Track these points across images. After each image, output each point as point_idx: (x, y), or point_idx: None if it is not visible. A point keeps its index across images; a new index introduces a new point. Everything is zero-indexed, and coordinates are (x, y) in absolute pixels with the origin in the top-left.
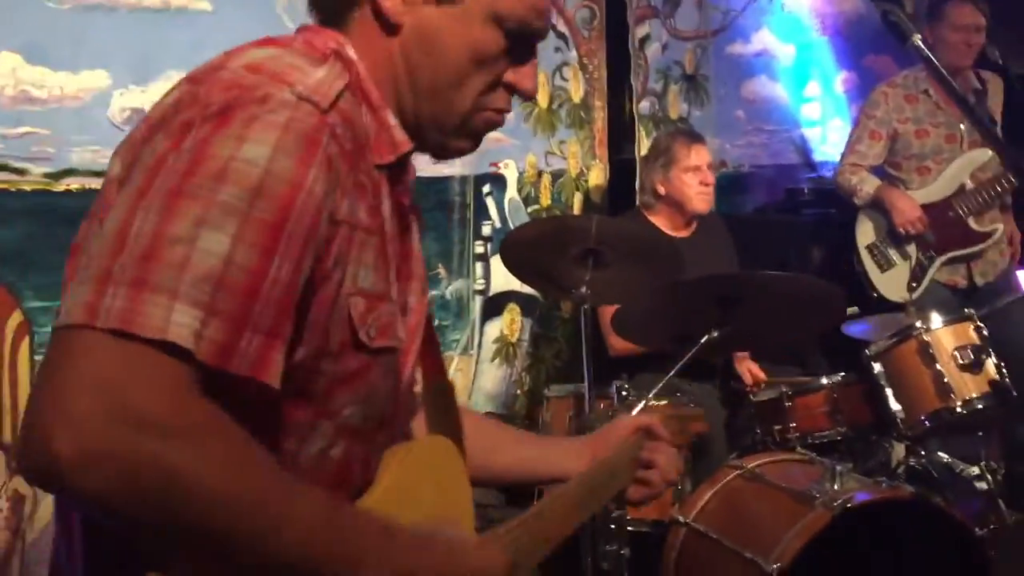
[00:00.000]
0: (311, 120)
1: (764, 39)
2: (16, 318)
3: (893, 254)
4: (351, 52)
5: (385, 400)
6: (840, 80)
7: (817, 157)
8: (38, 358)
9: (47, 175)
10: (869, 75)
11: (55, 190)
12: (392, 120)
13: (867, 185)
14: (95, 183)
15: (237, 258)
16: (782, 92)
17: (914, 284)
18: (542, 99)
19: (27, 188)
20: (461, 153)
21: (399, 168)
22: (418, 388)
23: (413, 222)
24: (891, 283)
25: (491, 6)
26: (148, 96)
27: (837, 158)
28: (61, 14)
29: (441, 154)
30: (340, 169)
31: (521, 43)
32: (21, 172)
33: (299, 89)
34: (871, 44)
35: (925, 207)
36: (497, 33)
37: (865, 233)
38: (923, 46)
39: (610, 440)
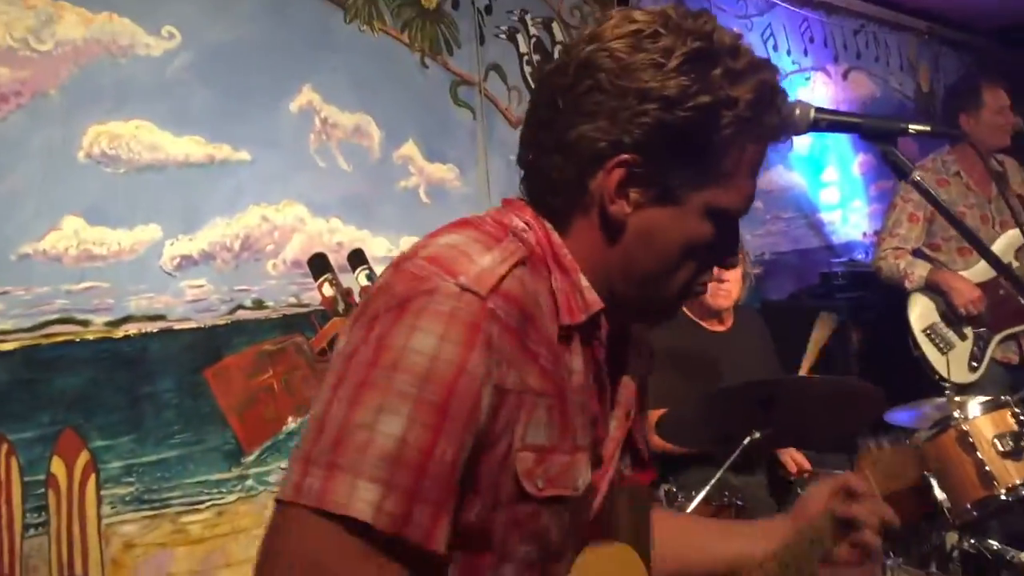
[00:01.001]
0: (471, 307)
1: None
2: (84, 457)
3: (951, 336)
4: (545, 225)
5: (563, 536)
6: (857, 163)
7: (838, 239)
8: (103, 493)
9: (108, 323)
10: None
11: (115, 337)
12: (584, 282)
13: (918, 269)
14: (151, 327)
15: (410, 437)
16: (799, 180)
17: (975, 364)
18: None
19: (90, 337)
20: (658, 322)
21: (591, 325)
22: None
23: (622, 370)
24: (951, 365)
25: (711, 203)
26: (195, 244)
27: (859, 238)
28: (117, 178)
29: (643, 322)
30: (504, 346)
31: (730, 227)
32: (84, 323)
33: (462, 280)
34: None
35: (979, 286)
36: (710, 224)
37: (919, 317)
38: (922, 181)
39: (809, 510)
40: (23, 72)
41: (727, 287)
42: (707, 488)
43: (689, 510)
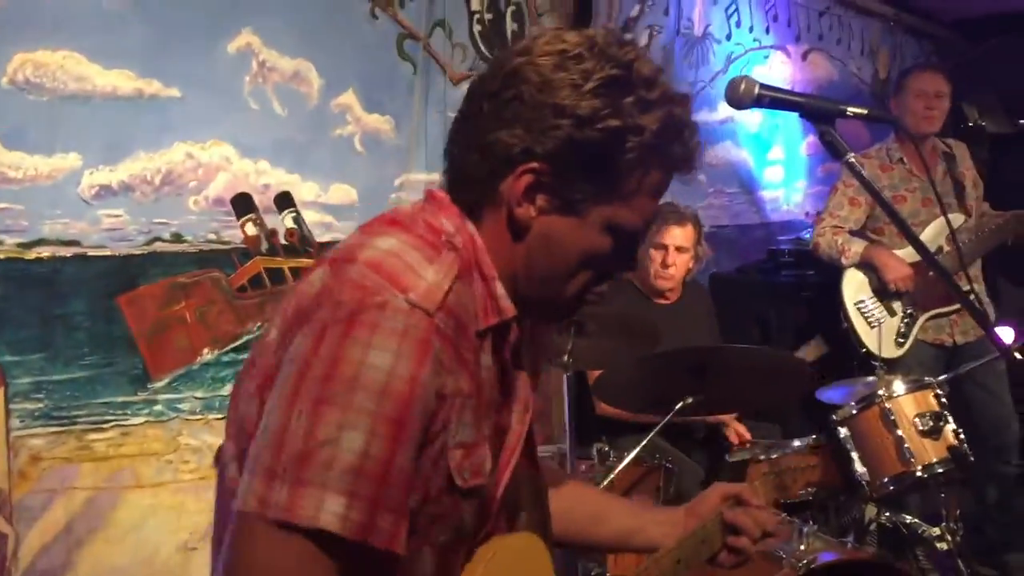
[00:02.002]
0: (422, 325)
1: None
2: None
3: (881, 311)
4: (470, 228)
5: (474, 521)
6: (806, 144)
7: (779, 216)
8: (12, 407)
9: (20, 244)
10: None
11: (26, 258)
12: (500, 291)
13: (854, 245)
14: (64, 251)
15: (371, 451)
16: (746, 156)
17: (901, 340)
18: None
19: (0, 256)
20: (555, 323)
21: (503, 328)
22: None
23: (519, 367)
24: (879, 339)
25: (610, 219)
26: (116, 175)
27: (803, 217)
28: (40, 105)
29: (539, 321)
30: (444, 357)
31: (628, 243)
32: None
33: (412, 296)
34: None
35: (911, 265)
36: (610, 238)
37: (852, 290)
38: (855, 163)
39: (702, 510)
40: None
41: (671, 272)
42: (637, 449)
43: (619, 469)
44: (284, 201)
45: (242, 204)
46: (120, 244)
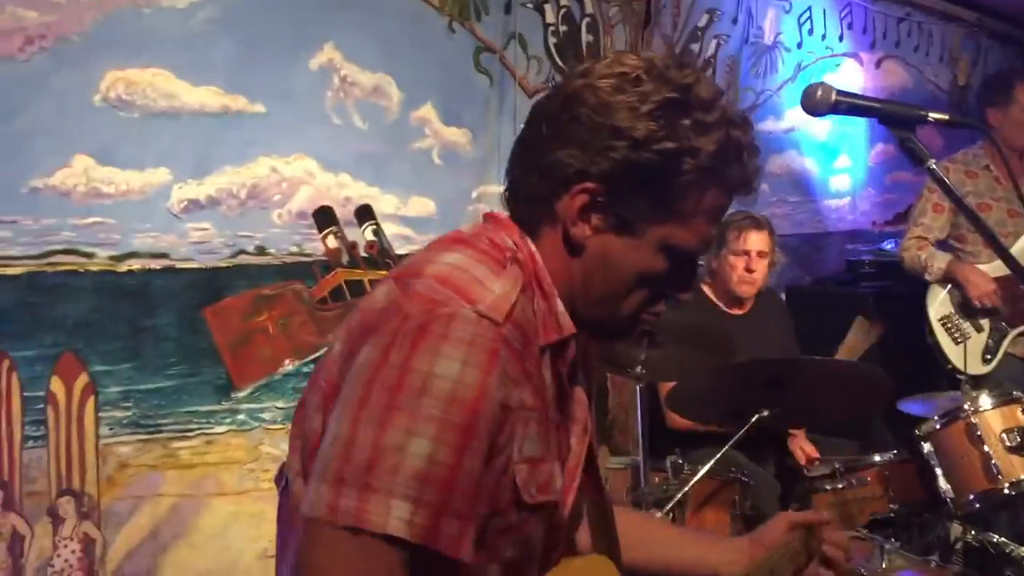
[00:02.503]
0: (490, 334)
1: (797, 115)
2: (83, 380)
3: (967, 327)
4: (530, 246)
5: (542, 540)
6: (874, 152)
7: (844, 226)
8: (102, 415)
9: (111, 257)
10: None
11: (118, 270)
12: (560, 308)
13: (938, 261)
14: (154, 264)
15: (438, 457)
16: (811, 165)
17: (988, 356)
18: None
19: (94, 269)
20: (612, 342)
21: (562, 345)
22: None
23: (575, 384)
24: (966, 355)
25: (666, 239)
26: (203, 189)
27: (869, 227)
28: (131, 122)
29: (596, 340)
30: (511, 368)
31: (685, 265)
32: (88, 255)
33: (480, 308)
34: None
35: (997, 280)
36: (666, 259)
37: (938, 306)
38: (936, 169)
39: (767, 541)
40: (49, 16)
41: (753, 276)
42: (712, 461)
43: (694, 482)
44: (365, 214)
45: (324, 217)
46: (207, 257)
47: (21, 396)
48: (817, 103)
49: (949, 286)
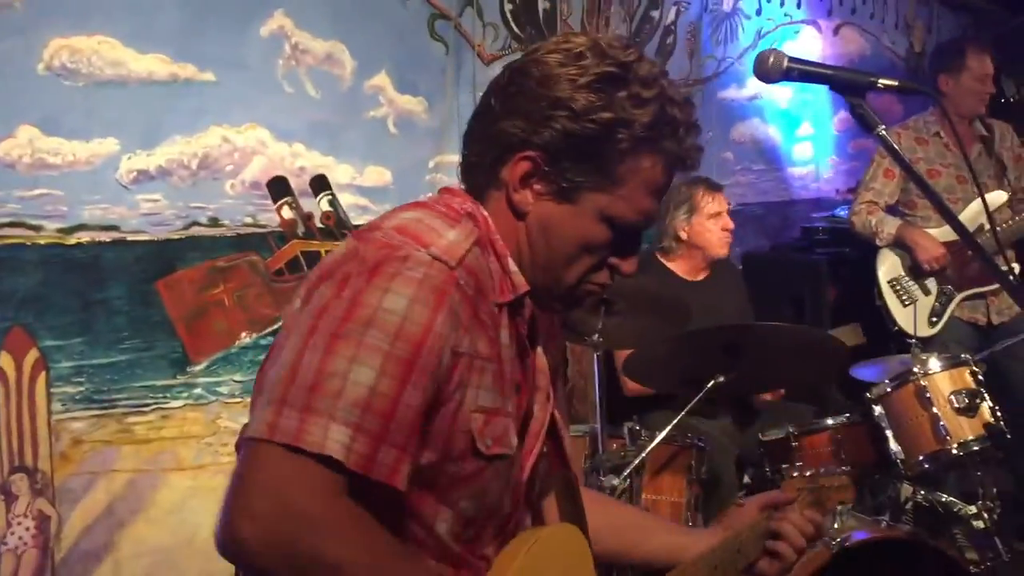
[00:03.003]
0: (441, 276)
1: (759, 84)
2: (33, 355)
3: (915, 289)
4: (483, 211)
5: (498, 496)
6: (836, 120)
7: (808, 194)
8: (54, 391)
9: (60, 230)
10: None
11: (67, 243)
12: (513, 267)
13: (887, 225)
14: (104, 236)
15: (380, 387)
16: (774, 133)
17: (935, 319)
18: None
19: (41, 242)
20: (557, 312)
21: (518, 304)
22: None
23: (534, 346)
24: (912, 318)
25: (603, 209)
26: (153, 160)
27: (833, 194)
28: (76, 90)
29: (541, 308)
30: (462, 313)
31: (627, 237)
32: (36, 228)
33: (433, 250)
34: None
35: (945, 244)
36: (606, 228)
37: (887, 269)
38: (887, 136)
39: (737, 522)
40: None
41: (730, 236)
42: (669, 428)
43: (650, 448)
44: (320, 184)
45: (278, 187)
46: (158, 228)
47: None
48: (769, 70)
49: (898, 250)
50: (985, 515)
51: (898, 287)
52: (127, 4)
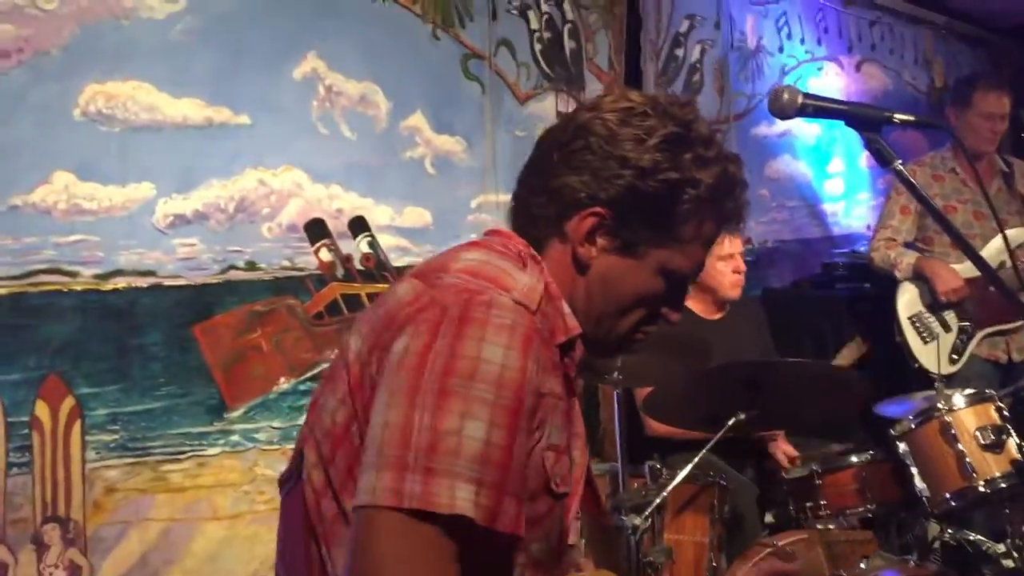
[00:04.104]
0: (526, 321)
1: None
2: (69, 403)
3: (935, 326)
4: (535, 255)
5: (557, 538)
6: (865, 156)
7: (841, 230)
8: (88, 439)
9: (96, 276)
10: (895, 149)
11: (103, 289)
12: (567, 308)
13: (907, 257)
14: (140, 282)
15: (493, 439)
16: (805, 169)
17: (955, 356)
18: None
19: (78, 288)
20: (606, 358)
21: (568, 347)
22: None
23: (576, 389)
24: (933, 355)
25: (665, 263)
26: (189, 204)
27: (863, 230)
28: (111, 136)
29: (592, 353)
30: (542, 355)
31: (678, 287)
32: (72, 275)
33: (515, 295)
34: None
35: (966, 280)
36: (662, 281)
37: (907, 304)
38: (903, 170)
39: None
40: (27, 29)
41: (742, 279)
42: (690, 465)
43: (672, 486)
44: (358, 226)
45: (316, 230)
46: (195, 273)
47: (5, 421)
48: (784, 106)
49: (918, 284)
50: (1015, 553)
51: (918, 323)
52: (161, 49)
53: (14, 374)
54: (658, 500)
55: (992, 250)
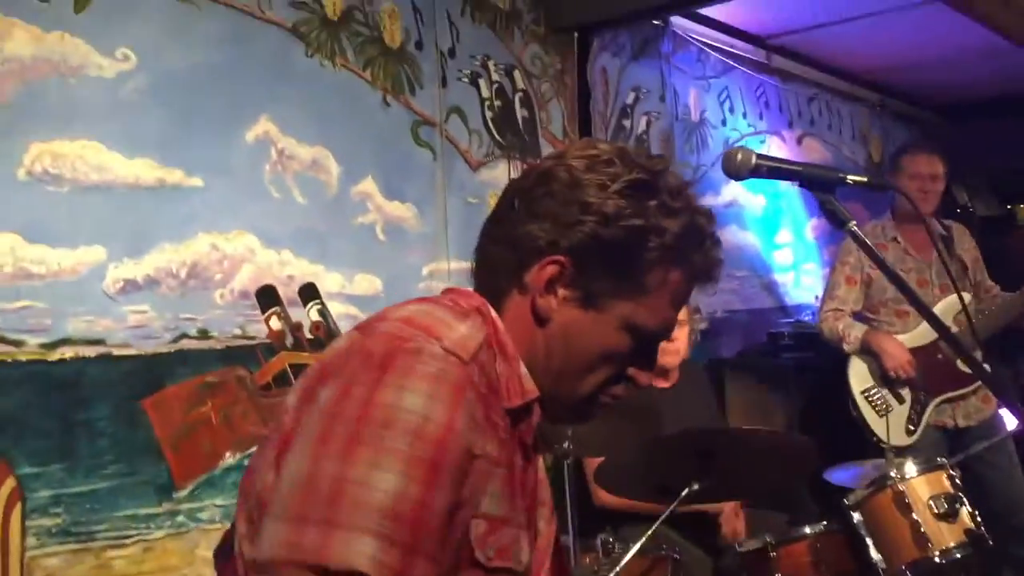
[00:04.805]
0: (456, 371)
1: (734, 190)
2: (9, 484)
3: (889, 398)
4: (492, 313)
5: None
6: (811, 227)
7: (790, 300)
8: (29, 524)
9: (42, 345)
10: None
11: (49, 359)
12: (523, 370)
13: (855, 330)
14: (89, 351)
15: (405, 492)
16: (753, 240)
17: (911, 427)
18: None
19: (23, 359)
20: (568, 423)
21: (524, 411)
22: None
23: (536, 456)
24: (889, 427)
25: (629, 318)
26: (141, 268)
27: (812, 300)
28: (60, 197)
29: (550, 419)
30: (476, 411)
31: (645, 347)
32: (17, 343)
33: (446, 343)
34: (840, 192)
35: (913, 351)
36: (628, 337)
37: (859, 379)
38: (858, 231)
39: None
40: None
41: (675, 346)
42: (640, 542)
43: (624, 561)
44: (309, 293)
45: (266, 297)
46: (146, 342)
47: None
48: (738, 166)
49: (867, 358)
50: None
51: (871, 397)
52: (110, 108)
53: None
54: (612, 575)
55: (939, 312)
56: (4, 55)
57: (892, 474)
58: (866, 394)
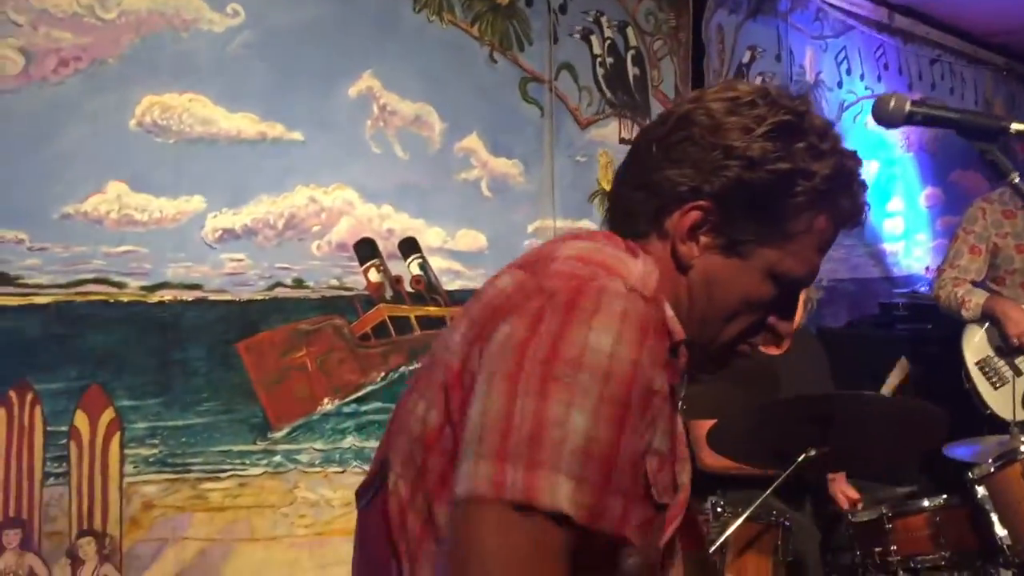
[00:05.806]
0: (640, 308)
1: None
2: (108, 415)
3: (1006, 370)
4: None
5: (655, 553)
6: (924, 196)
7: (900, 271)
8: (127, 452)
9: (143, 288)
10: (955, 191)
11: (149, 301)
12: (670, 312)
13: (975, 296)
14: (186, 295)
15: (597, 433)
16: None
17: None
18: None
19: (124, 299)
20: (707, 371)
21: (673, 352)
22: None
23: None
24: (1005, 400)
25: (774, 265)
26: (239, 219)
27: (922, 272)
28: (166, 148)
29: (691, 365)
30: (656, 347)
31: (788, 294)
32: (119, 285)
33: (629, 281)
34: (958, 160)
35: None
36: (771, 285)
37: (973, 349)
38: (1021, 184)
39: None
40: (85, 38)
41: (797, 313)
42: (754, 506)
43: (734, 527)
44: (409, 247)
45: (366, 249)
46: (241, 289)
47: (44, 431)
48: (891, 113)
49: (986, 326)
50: None
51: (987, 368)
52: (217, 64)
53: (56, 383)
54: (721, 540)
55: None
56: (122, 7)
57: (1021, 448)
58: (981, 365)
